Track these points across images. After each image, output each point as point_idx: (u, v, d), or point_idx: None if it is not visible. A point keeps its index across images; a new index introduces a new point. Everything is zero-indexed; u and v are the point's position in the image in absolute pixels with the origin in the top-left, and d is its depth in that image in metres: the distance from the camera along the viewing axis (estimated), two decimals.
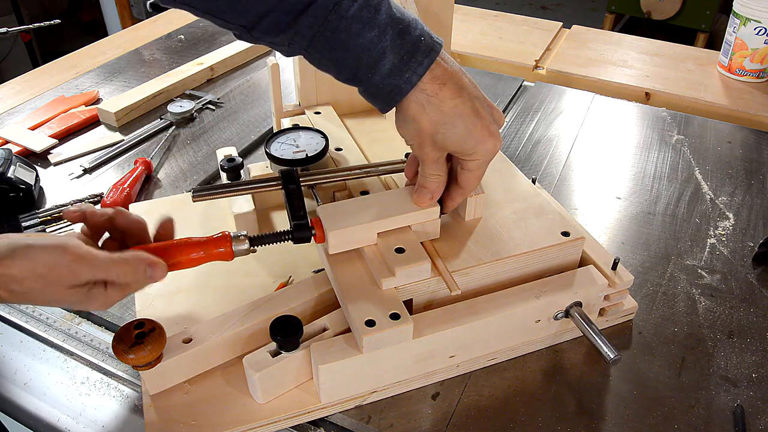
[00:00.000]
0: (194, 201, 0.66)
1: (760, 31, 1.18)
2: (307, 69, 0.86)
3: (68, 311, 0.74)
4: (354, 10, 0.52)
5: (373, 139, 0.84)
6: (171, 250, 0.57)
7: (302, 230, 0.62)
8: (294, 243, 0.62)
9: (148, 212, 0.83)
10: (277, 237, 0.62)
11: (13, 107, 1.15)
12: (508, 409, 0.62)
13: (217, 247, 0.58)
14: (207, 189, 0.67)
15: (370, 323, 0.57)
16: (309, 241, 0.62)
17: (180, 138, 1.06)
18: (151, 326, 0.58)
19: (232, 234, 0.59)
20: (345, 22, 0.53)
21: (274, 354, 0.59)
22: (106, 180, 0.96)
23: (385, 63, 0.54)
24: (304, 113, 0.88)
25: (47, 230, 0.84)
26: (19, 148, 1.01)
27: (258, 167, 0.81)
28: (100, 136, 1.07)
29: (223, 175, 0.78)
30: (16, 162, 0.90)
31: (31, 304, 0.54)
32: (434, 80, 0.56)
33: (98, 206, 0.88)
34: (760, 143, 1.05)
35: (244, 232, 0.60)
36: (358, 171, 0.71)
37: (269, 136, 0.78)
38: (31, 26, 1.42)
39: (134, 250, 0.56)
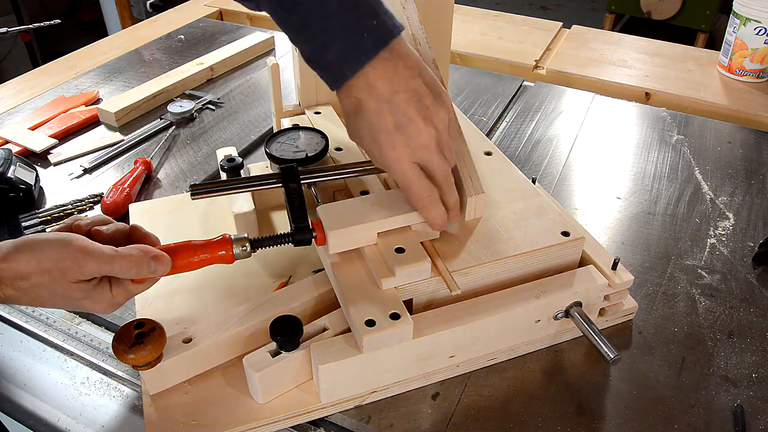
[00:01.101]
0: (192, 198, 0.66)
1: (760, 31, 1.18)
2: (308, 69, 0.85)
3: (68, 311, 0.74)
4: None
5: None
6: (171, 254, 0.57)
7: (303, 233, 0.61)
8: (295, 246, 0.62)
9: (148, 212, 0.84)
10: (278, 240, 0.61)
11: (13, 107, 1.15)
12: (508, 409, 0.62)
13: (218, 251, 0.58)
14: (206, 186, 0.66)
15: (370, 323, 0.57)
16: (310, 244, 0.62)
17: (180, 138, 1.06)
18: (151, 326, 0.58)
19: (232, 237, 0.59)
20: None
21: (274, 354, 0.59)
22: (106, 180, 0.96)
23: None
24: (304, 113, 0.88)
25: (47, 230, 0.84)
26: (19, 148, 1.01)
27: (258, 167, 0.80)
28: (100, 136, 1.07)
29: (223, 175, 0.78)
30: (16, 162, 0.90)
31: (38, 306, 0.54)
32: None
33: (98, 207, 0.89)
34: (760, 143, 1.05)
35: (245, 235, 0.60)
36: (359, 168, 0.71)
37: (269, 136, 0.78)
38: (31, 26, 1.42)
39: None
